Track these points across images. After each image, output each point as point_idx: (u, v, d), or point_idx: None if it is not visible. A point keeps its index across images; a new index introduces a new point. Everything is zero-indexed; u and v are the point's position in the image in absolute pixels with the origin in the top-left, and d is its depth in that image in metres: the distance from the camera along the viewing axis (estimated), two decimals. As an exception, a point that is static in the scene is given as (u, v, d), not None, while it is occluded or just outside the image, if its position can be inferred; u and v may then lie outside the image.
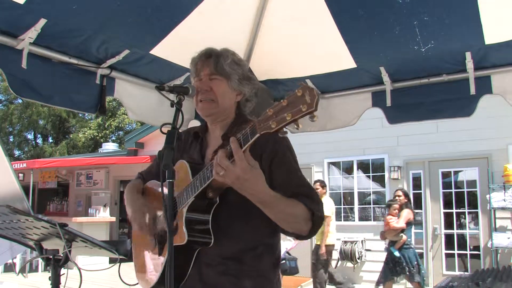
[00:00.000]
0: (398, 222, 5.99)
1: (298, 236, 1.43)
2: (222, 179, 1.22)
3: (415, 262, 5.85)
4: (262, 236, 1.50)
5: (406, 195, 6.31)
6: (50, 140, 28.88)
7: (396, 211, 6.17)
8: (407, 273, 5.84)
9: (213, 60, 1.54)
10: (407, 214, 6.04)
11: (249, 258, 1.47)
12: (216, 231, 1.41)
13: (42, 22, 2.00)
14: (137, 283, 1.65)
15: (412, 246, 6.00)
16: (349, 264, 8.44)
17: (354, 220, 8.79)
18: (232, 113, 1.59)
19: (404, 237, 5.94)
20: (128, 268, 1.72)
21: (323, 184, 6.79)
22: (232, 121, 1.59)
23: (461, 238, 7.88)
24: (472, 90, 2.53)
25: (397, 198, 6.27)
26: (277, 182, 1.39)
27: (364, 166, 8.98)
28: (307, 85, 1.05)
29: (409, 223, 6.03)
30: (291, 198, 1.37)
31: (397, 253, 5.97)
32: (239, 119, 1.58)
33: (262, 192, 1.26)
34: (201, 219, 1.42)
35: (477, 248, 7.56)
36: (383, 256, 8.19)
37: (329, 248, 6.40)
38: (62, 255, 1.61)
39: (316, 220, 1.40)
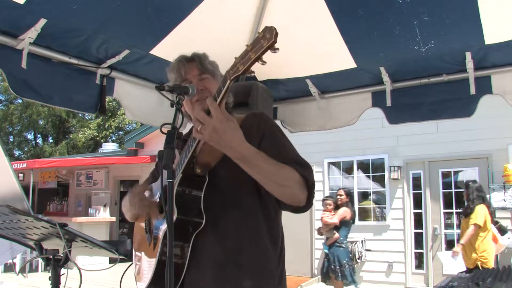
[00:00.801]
0: (331, 218, 6.03)
1: (296, 209, 1.40)
2: (201, 136, 1.24)
3: (344, 261, 5.86)
4: (260, 223, 1.48)
5: (348, 194, 6.34)
6: (50, 140, 28.88)
7: (331, 206, 6.23)
8: (333, 271, 5.87)
9: (197, 62, 1.59)
10: (342, 212, 6.09)
11: (251, 252, 1.45)
12: (209, 215, 1.40)
13: (42, 22, 2.00)
14: None
15: (344, 246, 6.01)
16: (349, 264, 8.43)
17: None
18: None
19: (336, 235, 5.98)
20: (128, 270, 1.71)
21: None
22: None
23: (461, 238, 7.88)
24: (472, 90, 2.53)
25: (338, 197, 6.31)
26: None
27: (364, 166, 8.98)
28: (268, 26, 1.08)
29: (345, 222, 6.05)
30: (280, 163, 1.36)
31: (326, 250, 6.03)
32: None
33: (240, 145, 1.25)
34: (191, 196, 1.41)
35: (477, 248, 7.55)
36: (383, 256, 8.23)
37: None
38: (62, 255, 1.61)
39: (311, 188, 1.38)
